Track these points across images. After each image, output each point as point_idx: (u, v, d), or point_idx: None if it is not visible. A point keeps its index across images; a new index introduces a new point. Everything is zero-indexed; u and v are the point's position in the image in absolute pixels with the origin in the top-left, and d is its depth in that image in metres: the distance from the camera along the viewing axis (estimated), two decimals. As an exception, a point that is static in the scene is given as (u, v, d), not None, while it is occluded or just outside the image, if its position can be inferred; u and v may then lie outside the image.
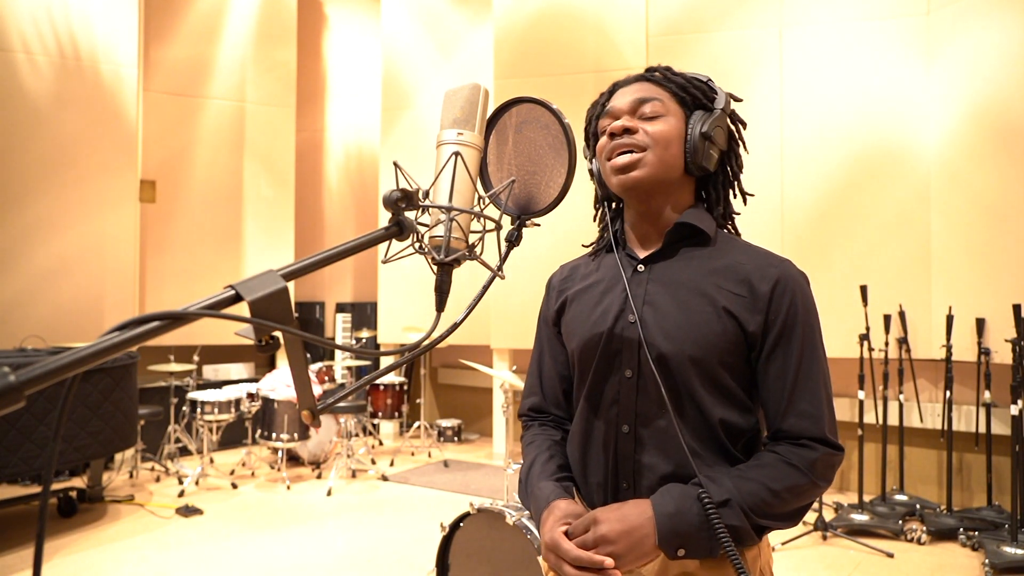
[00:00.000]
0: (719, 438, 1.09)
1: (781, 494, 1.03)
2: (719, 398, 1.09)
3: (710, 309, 1.09)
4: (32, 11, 5.16)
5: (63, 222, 5.25)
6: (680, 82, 1.16)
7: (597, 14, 5.38)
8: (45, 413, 3.75)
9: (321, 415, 0.72)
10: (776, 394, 1.09)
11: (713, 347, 1.07)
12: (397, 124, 6.44)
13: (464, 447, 6.28)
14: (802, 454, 1.05)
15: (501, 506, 2.42)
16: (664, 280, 1.14)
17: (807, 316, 1.10)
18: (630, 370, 1.12)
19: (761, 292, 1.09)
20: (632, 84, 1.18)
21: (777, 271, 1.10)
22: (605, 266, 1.22)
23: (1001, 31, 4.02)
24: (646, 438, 1.11)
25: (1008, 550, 3.43)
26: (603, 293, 1.19)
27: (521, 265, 5.23)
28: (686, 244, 1.16)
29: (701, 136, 1.12)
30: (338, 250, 0.71)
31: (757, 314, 1.08)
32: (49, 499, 2.05)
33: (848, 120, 4.59)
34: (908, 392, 4.47)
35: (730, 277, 1.11)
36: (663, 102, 1.14)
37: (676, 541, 1.00)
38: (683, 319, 1.09)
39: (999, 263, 4.02)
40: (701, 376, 1.08)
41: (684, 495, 1.02)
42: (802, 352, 1.08)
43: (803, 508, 1.07)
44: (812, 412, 1.07)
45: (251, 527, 4.07)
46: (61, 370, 0.50)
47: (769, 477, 1.04)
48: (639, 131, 1.12)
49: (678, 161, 1.13)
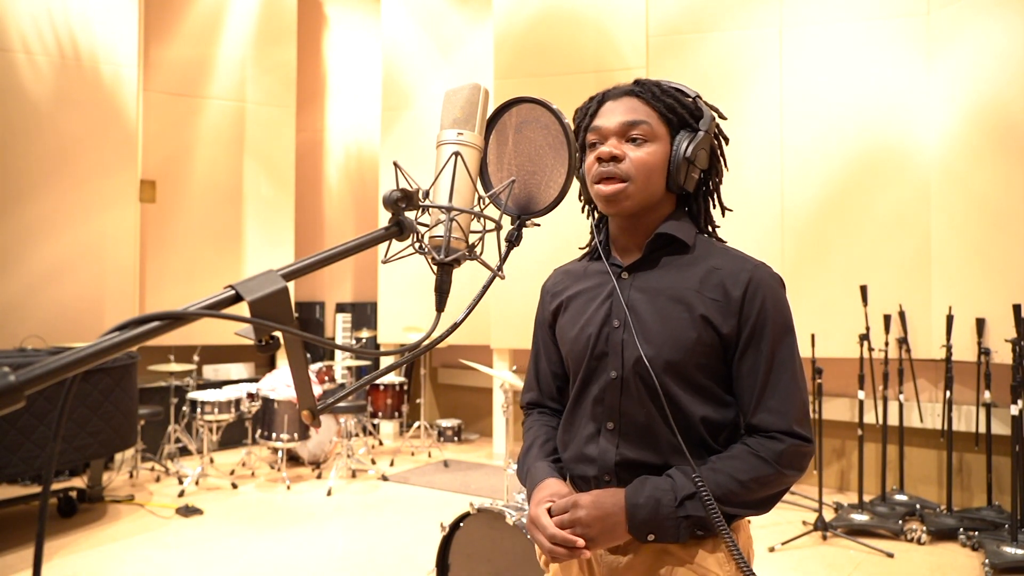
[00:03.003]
0: (700, 434, 1.17)
1: (748, 484, 1.12)
2: (698, 397, 1.17)
3: (687, 316, 1.16)
4: (32, 11, 5.16)
5: (63, 222, 5.25)
6: (668, 102, 1.20)
7: (597, 14, 5.38)
8: (45, 413, 3.75)
9: (321, 415, 0.72)
10: (747, 392, 1.17)
11: (690, 351, 1.15)
12: (397, 124, 6.44)
13: (464, 447, 6.28)
14: (769, 446, 1.13)
15: (501, 506, 2.42)
16: (645, 288, 1.21)
17: (777, 316, 1.16)
18: (615, 371, 1.20)
19: (734, 296, 1.16)
20: (622, 99, 1.21)
21: (748, 275, 1.16)
22: (593, 273, 1.30)
23: (1001, 31, 4.02)
24: (629, 434, 1.19)
25: (1008, 550, 3.43)
26: (590, 299, 1.27)
27: (521, 265, 5.22)
28: (666, 252, 1.23)
29: (684, 160, 1.18)
30: (338, 250, 0.71)
31: (731, 317, 1.16)
32: (49, 499, 2.05)
33: (848, 120, 4.59)
34: (908, 392, 4.47)
35: (706, 283, 1.17)
36: (651, 125, 1.18)
37: (645, 528, 1.11)
38: (661, 325, 1.17)
39: (999, 263, 4.02)
40: (678, 378, 1.16)
41: (655, 487, 1.12)
42: (772, 351, 1.15)
43: (772, 496, 1.16)
44: (779, 407, 1.14)
45: (251, 527, 4.07)
46: (61, 370, 0.50)
47: (737, 469, 1.12)
48: (625, 159, 1.17)
49: (660, 185, 1.20)
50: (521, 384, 3.23)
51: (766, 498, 1.15)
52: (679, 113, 1.19)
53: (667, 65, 5.05)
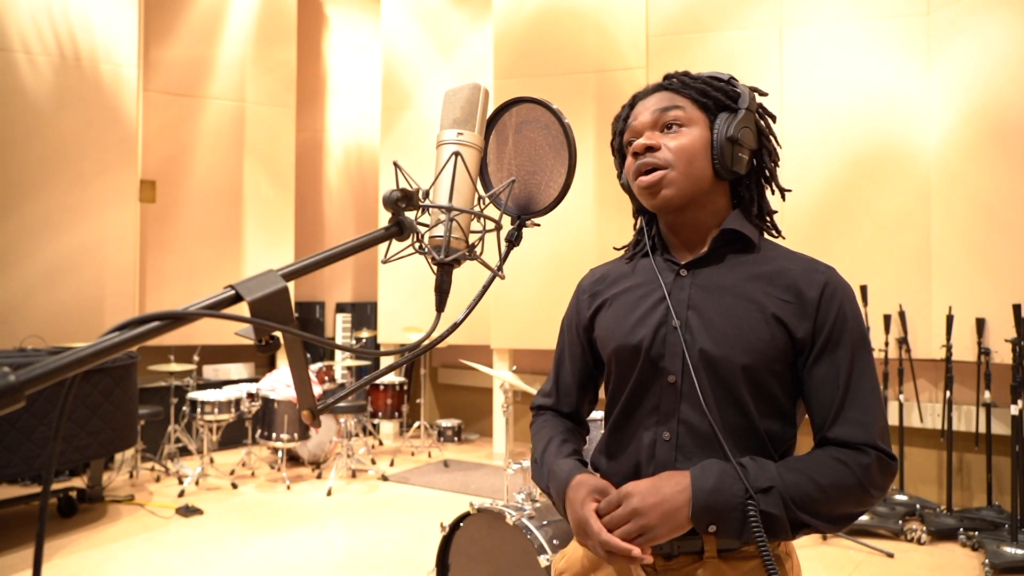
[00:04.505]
0: (765, 447, 1.07)
1: (827, 490, 1.00)
2: (765, 407, 1.08)
3: (759, 315, 1.07)
4: (32, 11, 5.16)
5: (63, 222, 5.25)
6: (699, 87, 1.13)
7: (597, 14, 5.38)
8: (45, 413, 3.75)
9: (321, 415, 0.72)
10: (824, 401, 1.06)
11: (763, 354, 1.06)
12: (397, 124, 6.44)
13: (464, 447, 6.28)
14: (854, 456, 1.02)
15: (501, 506, 2.42)
16: (708, 286, 1.12)
17: (856, 323, 1.08)
18: (673, 375, 1.10)
19: (809, 298, 1.07)
20: (651, 95, 1.16)
21: (824, 277, 1.08)
22: (642, 270, 1.20)
23: (1001, 31, 4.02)
24: (689, 446, 1.08)
25: (1008, 550, 3.43)
26: (641, 297, 1.16)
27: (521, 265, 5.23)
28: (731, 250, 1.14)
29: (728, 141, 1.10)
30: (338, 250, 0.71)
31: (806, 320, 1.07)
32: (49, 499, 2.05)
33: (848, 120, 4.59)
34: (908, 392, 4.47)
35: (777, 283, 1.09)
36: (684, 110, 1.12)
37: (708, 517, 0.99)
38: (731, 325, 1.07)
39: (999, 263, 4.02)
40: (750, 384, 1.06)
41: (724, 472, 1.00)
42: (852, 359, 1.06)
43: (850, 515, 1.03)
44: (862, 419, 1.04)
45: (251, 527, 4.07)
46: (61, 370, 0.50)
47: (817, 471, 1.01)
48: (661, 148, 1.10)
49: (706, 171, 1.11)
50: (521, 384, 3.24)
51: (844, 515, 1.02)
52: (713, 96, 1.12)
53: (667, 65, 5.00)
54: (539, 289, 5.38)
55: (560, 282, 5.20)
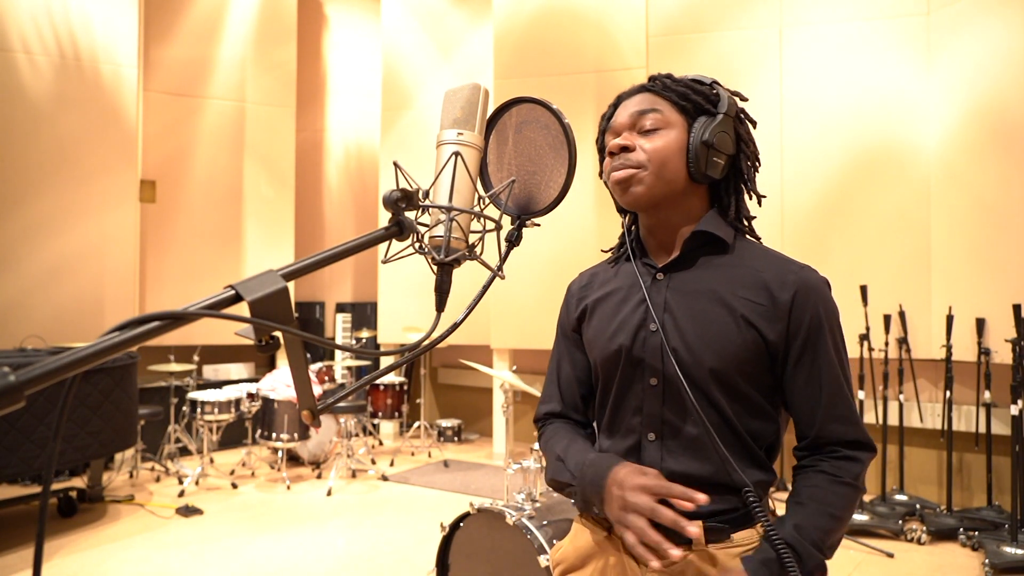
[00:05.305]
0: (747, 444, 1.10)
1: (843, 517, 1.06)
2: (741, 407, 1.10)
3: (728, 318, 1.08)
4: (32, 11, 5.16)
5: (63, 222, 5.25)
6: (680, 90, 1.14)
7: (597, 14, 5.37)
8: (45, 413, 3.75)
9: (321, 415, 0.73)
10: (809, 401, 1.09)
11: (732, 357, 1.07)
12: (397, 124, 6.44)
13: (464, 447, 6.28)
14: (849, 468, 1.07)
15: (501, 506, 2.42)
16: (683, 289, 1.13)
17: (832, 322, 1.10)
18: (655, 378, 1.12)
19: (781, 300, 1.08)
20: (634, 96, 1.17)
21: (796, 278, 1.10)
22: (623, 274, 1.22)
23: (1001, 31, 4.02)
24: (674, 446, 1.11)
25: (1008, 550, 3.43)
26: (621, 302, 1.19)
27: (521, 265, 5.23)
28: (704, 252, 1.15)
29: (703, 144, 1.11)
30: (338, 250, 0.71)
31: (777, 322, 1.08)
32: (49, 499, 2.05)
33: (848, 120, 4.59)
34: (908, 392, 4.47)
35: (748, 285, 1.10)
36: (663, 113, 1.13)
37: None
38: (701, 328, 1.09)
39: (999, 263, 4.02)
40: (721, 385, 1.08)
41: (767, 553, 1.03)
42: (831, 358, 1.09)
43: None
44: (850, 416, 1.09)
45: (251, 527, 4.07)
46: (61, 370, 0.50)
47: (830, 503, 1.05)
48: (636, 148, 1.12)
49: (679, 174, 1.12)
50: (521, 384, 3.23)
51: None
52: (694, 100, 1.13)
53: (667, 65, 5.04)
54: (539, 289, 5.37)
55: (560, 282, 5.17)
